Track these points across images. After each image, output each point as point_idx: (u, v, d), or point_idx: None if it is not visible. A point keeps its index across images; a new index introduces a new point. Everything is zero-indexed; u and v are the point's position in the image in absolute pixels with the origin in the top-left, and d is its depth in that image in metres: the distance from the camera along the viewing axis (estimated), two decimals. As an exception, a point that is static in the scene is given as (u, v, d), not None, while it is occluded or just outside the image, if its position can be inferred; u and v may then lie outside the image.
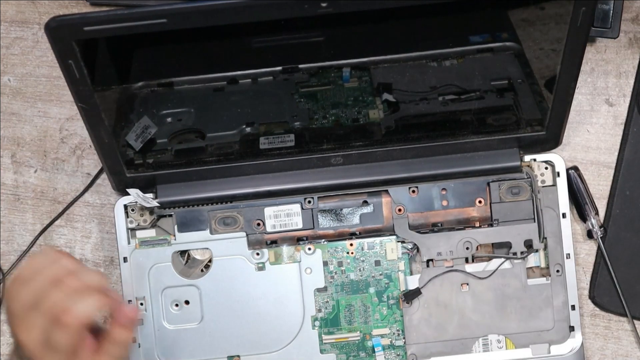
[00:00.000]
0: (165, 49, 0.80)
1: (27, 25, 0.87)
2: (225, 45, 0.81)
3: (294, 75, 0.84)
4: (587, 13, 0.67)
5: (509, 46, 0.84)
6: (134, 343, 0.82)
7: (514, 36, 0.84)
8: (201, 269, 0.84)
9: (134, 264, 0.83)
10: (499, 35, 0.84)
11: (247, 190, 0.82)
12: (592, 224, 0.84)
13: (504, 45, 0.84)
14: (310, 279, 0.83)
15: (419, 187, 0.83)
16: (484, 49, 0.84)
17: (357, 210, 0.84)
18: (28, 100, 0.88)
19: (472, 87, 0.83)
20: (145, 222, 0.83)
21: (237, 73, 0.84)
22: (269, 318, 0.83)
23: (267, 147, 0.82)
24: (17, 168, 0.88)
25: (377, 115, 0.83)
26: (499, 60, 0.84)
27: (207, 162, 0.81)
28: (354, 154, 0.81)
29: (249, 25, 0.65)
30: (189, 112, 0.84)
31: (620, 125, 0.86)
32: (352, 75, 0.84)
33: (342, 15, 0.65)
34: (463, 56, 0.85)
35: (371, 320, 0.83)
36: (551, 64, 0.75)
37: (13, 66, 0.88)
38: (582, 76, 0.84)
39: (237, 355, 0.83)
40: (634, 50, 0.86)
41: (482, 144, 0.81)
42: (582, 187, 0.84)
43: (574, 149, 0.86)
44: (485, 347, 0.83)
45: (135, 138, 0.80)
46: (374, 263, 0.83)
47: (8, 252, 0.87)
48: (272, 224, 0.83)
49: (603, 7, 0.81)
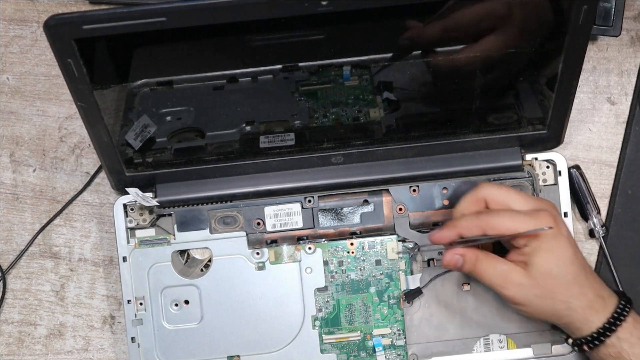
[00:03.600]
0: (165, 47, 0.80)
1: (26, 24, 0.87)
2: (225, 44, 0.81)
3: (294, 73, 0.83)
4: (589, 11, 0.67)
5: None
6: (132, 343, 0.82)
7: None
8: (201, 269, 0.84)
9: (134, 264, 0.83)
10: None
11: (247, 190, 0.82)
12: (593, 223, 0.84)
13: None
14: (311, 279, 0.83)
15: (419, 186, 0.83)
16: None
17: (357, 210, 0.83)
18: (27, 99, 0.87)
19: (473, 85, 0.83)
20: (145, 221, 0.83)
21: (237, 71, 0.84)
22: (269, 318, 0.83)
23: (267, 146, 0.81)
24: (15, 167, 0.87)
25: (378, 113, 0.83)
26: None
27: (206, 161, 0.81)
28: (355, 152, 0.80)
29: (249, 23, 0.65)
30: (188, 110, 0.84)
31: (622, 124, 0.86)
32: (353, 73, 0.84)
33: (342, 13, 0.65)
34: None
35: (372, 320, 0.83)
36: (553, 63, 0.74)
37: (12, 65, 0.87)
38: (583, 74, 0.84)
39: (237, 355, 0.83)
40: (636, 48, 0.86)
41: (484, 142, 0.81)
42: (584, 186, 0.84)
43: (575, 148, 0.86)
44: (487, 347, 0.82)
45: (135, 137, 0.80)
46: (375, 262, 0.83)
47: (7, 252, 0.87)
48: (272, 223, 0.83)
49: (605, 5, 0.81)
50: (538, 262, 0.72)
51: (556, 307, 0.73)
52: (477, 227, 0.73)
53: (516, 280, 0.73)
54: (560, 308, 0.74)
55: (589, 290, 0.73)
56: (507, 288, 0.73)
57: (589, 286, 0.73)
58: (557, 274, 0.72)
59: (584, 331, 0.74)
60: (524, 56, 0.76)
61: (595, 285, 0.74)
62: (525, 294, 0.73)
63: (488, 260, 0.74)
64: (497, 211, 0.74)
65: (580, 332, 0.75)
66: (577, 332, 0.75)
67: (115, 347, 0.86)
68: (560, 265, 0.72)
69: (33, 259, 0.87)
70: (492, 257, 0.74)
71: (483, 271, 0.74)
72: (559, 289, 0.73)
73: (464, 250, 0.75)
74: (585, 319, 0.74)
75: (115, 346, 0.86)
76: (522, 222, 0.72)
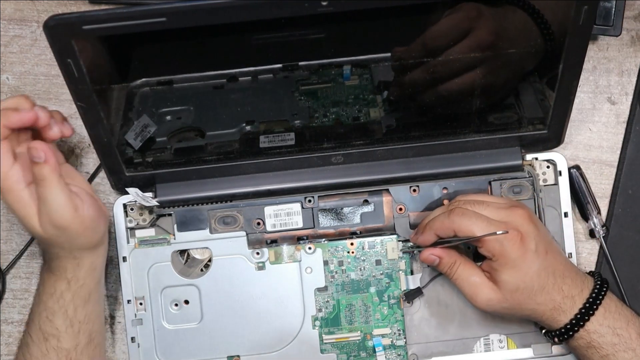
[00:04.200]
0: (165, 46, 0.80)
1: (26, 24, 0.87)
2: (224, 43, 0.80)
3: (294, 73, 0.83)
4: (590, 11, 0.67)
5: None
6: (132, 343, 0.82)
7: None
8: (201, 269, 0.84)
9: (133, 264, 0.83)
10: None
11: (247, 189, 0.82)
12: (594, 223, 0.84)
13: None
14: (311, 279, 0.83)
15: (420, 186, 0.83)
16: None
17: (357, 210, 0.83)
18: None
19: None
20: (145, 221, 0.83)
21: (237, 71, 0.84)
22: (269, 318, 0.83)
23: (267, 145, 0.81)
24: (15, 167, 0.87)
25: (378, 113, 0.83)
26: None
27: (206, 160, 0.81)
28: (355, 152, 0.80)
29: (249, 23, 0.65)
30: (188, 110, 0.83)
31: (622, 124, 0.86)
32: (353, 73, 0.83)
33: (342, 12, 0.65)
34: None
35: (372, 320, 0.83)
36: (553, 62, 0.74)
37: (11, 64, 0.87)
38: (584, 74, 0.84)
39: (237, 355, 0.83)
40: (637, 48, 0.86)
41: (484, 142, 0.81)
42: (584, 186, 0.84)
43: (576, 148, 0.86)
44: (487, 347, 0.82)
45: (135, 137, 0.80)
46: (375, 262, 0.83)
47: (7, 252, 0.87)
48: (272, 223, 0.83)
49: (605, 4, 0.81)
50: (505, 280, 0.74)
51: (523, 314, 0.76)
52: (448, 229, 0.75)
53: (485, 295, 0.75)
54: (527, 315, 0.76)
55: (557, 294, 0.75)
56: (477, 301, 0.76)
57: (557, 290, 0.75)
58: (524, 289, 0.74)
59: (553, 327, 0.76)
60: (524, 56, 0.76)
61: (564, 287, 0.75)
62: (494, 307, 0.76)
63: (464, 268, 0.76)
64: (467, 214, 0.75)
65: (549, 327, 0.77)
66: (546, 327, 0.77)
67: (115, 347, 0.86)
68: (527, 280, 0.74)
69: (33, 259, 0.87)
70: (469, 267, 0.77)
71: (457, 277, 0.77)
72: (526, 301, 0.75)
73: (442, 252, 0.77)
74: (553, 318, 0.75)
75: (115, 346, 0.86)
76: (484, 227, 0.73)
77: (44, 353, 0.75)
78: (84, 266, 0.75)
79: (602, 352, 0.75)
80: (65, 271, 0.75)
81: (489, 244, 0.74)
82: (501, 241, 0.73)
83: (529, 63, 0.77)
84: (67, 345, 0.76)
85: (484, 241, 0.74)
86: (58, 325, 0.75)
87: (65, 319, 0.75)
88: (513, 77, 0.79)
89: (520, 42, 0.74)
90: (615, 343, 0.74)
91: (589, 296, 0.75)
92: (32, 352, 0.76)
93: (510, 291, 0.74)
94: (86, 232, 0.73)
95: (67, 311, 0.75)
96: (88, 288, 0.76)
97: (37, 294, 0.77)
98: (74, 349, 0.76)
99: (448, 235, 0.75)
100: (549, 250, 0.75)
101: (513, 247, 0.73)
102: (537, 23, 0.72)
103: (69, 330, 0.75)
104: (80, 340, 0.76)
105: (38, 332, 0.75)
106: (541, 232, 0.75)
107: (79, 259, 0.75)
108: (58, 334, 0.75)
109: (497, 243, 0.73)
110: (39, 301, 0.76)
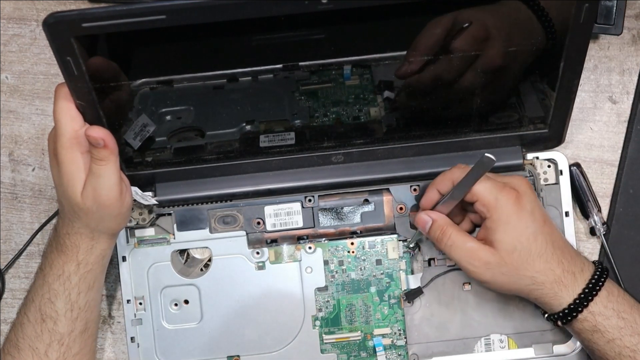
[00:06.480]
0: (165, 46, 0.80)
1: (25, 22, 0.87)
2: (225, 43, 0.80)
3: (294, 72, 0.83)
4: (590, 10, 0.67)
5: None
6: (132, 343, 0.82)
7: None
8: (201, 268, 0.84)
9: (133, 263, 0.83)
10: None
11: (247, 189, 0.82)
12: (595, 222, 0.83)
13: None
14: (311, 278, 0.83)
15: (420, 185, 0.82)
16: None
17: (358, 209, 0.83)
18: (26, 98, 0.87)
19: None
20: (144, 220, 0.83)
21: (237, 70, 0.84)
22: (269, 318, 0.82)
23: (267, 145, 0.81)
24: (14, 166, 0.87)
25: (378, 113, 0.83)
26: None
27: (206, 160, 0.81)
28: (355, 152, 0.80)
29: (249, 22, 0.65)
30: (188, 110, 0.83)
31: (623, 123, 0.86)
32: (353, 72, 0.83)
33: (343, 12, 0.64)
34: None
35: (372, 320, 0.83)
36: (554, 61, 0.74)
37: (10, 63, 0.87)
38: (585, 73, 0.84)
39: (237, 355, 0.83)
40: (638, 47, 0.86)
41: (484, 141, 0.80)
42: (585, 184, 0.84)
43: (576, 147, 0.86)
44: (488, 347, 0.82)
45: (134, 136, 0.80)
46: (375, 262, 0.83)
47: (6, 251, 0.86)
48: (272, 223, 0.83)
49: (606, 3, 0.80)
50: (501, 239, 0.73)
51: (522, 282, 0.74)
52: (447, 180, 0.75)
53: (483, 258, 0.74)
54: (526, 283, 0.74)
55: (557, 266, 0.74)
56: (475, 265, 0.74)
57: (557, 262, 0.74)
58: (521, 250, 0.73)
59: (555, 307, 0.75)
60: (524, 55, 0.76)
61: (564, 261, 0.74)
62: (492, 272, 0.74)
63: (457, 234, 0.75)
64: (467, 168, 0.75)
65: (551, 308, 0.75)
66: (548, 307, 0.76)
67: (115, 347, 0.86)
68: (523, 241, 0.73)
69: (32, 259, 0.87)
70: (463, 234, 0.75)
71: (452, 244, 0.75)
72: (523, 265, 0.73)
73: (437, 215, 0.76)
74: (554, 293, 0.74)
75: (115, 346, 0.86)
76: (482, 182, 0.73)
77: (37, 334, 0.75)
78: (96, 251, 0.75)
79: (607, 337, 0.73)
80: (77, 251, 0.75)
81: (484, 196, 0.73)
82: (496, 194, 0.73)
83: (530, 61, 0.76)
84: (62, 330, 0.76)
85: (479, 194, 0.73)
86: (58, 308, 0.75)
87: (67, 302, 0.75)
88: (514, 76, 0.78)
89: (523, 40, 0.73)
90: (621, 327, 0.73)
91: (590, 277, 0.74)
92: (25, 332, 0.76)
93: (507, 251, 0.73)
94: (118, 217, 0.74)
95: (71, 295, 0.75)
96: (94, 274, 0.76)
97: (41, 276, 0.77)
98: (68, 335, 0.76)
99: (447, 187, 0.75)
100: (547, 221, 0.75)
101: (508, 202, 0.73)
102: (540, 21, 0.72)
103: (67, 315, 0.75)
104: (77, 326, 0.76)
105: (36, 313, 0.76)
106: (539, 204, 0.75)
107: (95, 241, 0.75)
108: (56, 317, 0.75)
109: (492, 196, 0.73)
110: (42, 283, 0.76)
